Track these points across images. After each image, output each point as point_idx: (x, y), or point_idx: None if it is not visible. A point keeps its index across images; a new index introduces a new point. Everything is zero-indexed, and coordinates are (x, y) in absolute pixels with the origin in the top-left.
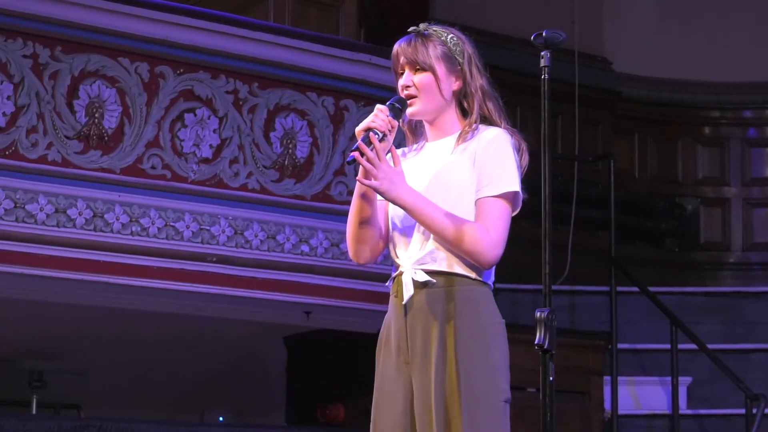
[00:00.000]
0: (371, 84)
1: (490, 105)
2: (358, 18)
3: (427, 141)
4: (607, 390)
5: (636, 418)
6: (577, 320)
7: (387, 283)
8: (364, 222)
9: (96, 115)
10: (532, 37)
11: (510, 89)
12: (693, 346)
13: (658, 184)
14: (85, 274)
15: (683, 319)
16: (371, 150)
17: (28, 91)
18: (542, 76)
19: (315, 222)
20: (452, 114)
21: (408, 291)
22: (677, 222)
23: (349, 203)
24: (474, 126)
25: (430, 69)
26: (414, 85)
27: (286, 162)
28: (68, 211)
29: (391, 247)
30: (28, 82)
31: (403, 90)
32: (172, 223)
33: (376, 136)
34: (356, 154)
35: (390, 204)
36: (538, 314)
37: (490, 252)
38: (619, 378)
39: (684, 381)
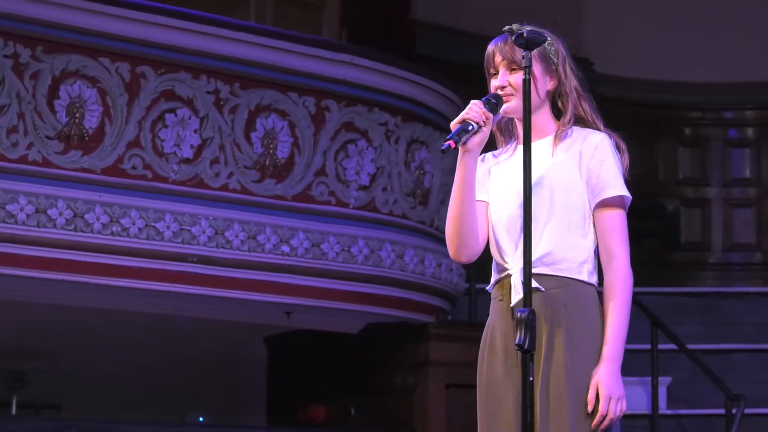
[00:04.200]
0: (352, 84)
1: (585, 105)
2: (340, 18)
3: (518, 142)
4: None
5: None
6: None
7: (488, 287)
8: (464, 218)
9: (77, 115)
10: (513, 38)
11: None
12: (673, 346)
13: (639, 185)
14: (66, 274)
15: (664, 320)
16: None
17: (9, 91)
18: (524, 77)
19: (296, 222)
20: (546, 114)
21: (517, 294)
22: (658, 222)
23: (328, 203)
24: (569, 126)
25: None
26: (510, 84)
27: (267, 162)
28: (48, 211)
29: (495, 250)
30: (8, 82)
31: (498, 90)
32: (152, 224)
33: (471, 127)
34: (451, 143)
35: (491, 206)
36: (519, 314)
37: (631, 277)
38: None
39: (664, 381)
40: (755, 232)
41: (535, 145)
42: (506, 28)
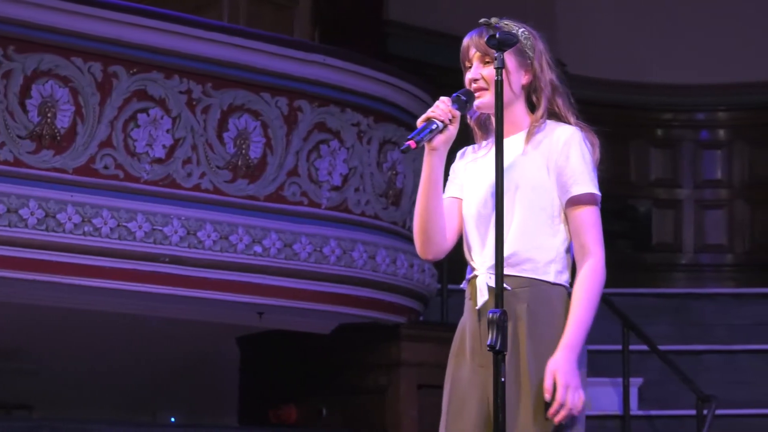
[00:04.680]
0: (325, 85)
1: (559, 101)
2: (312, 19)
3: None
4: None
5: (588, 419)
6: None
7: (462, 285)
8: (429, 216)
9: (49, 115)
10: (485, 39)
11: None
12: (645, 347)
13: (611, 186)
14: (37, 274)
15: (635, 320)
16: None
17: None
18: (496, 78)
19: (268, 223)
20: (521, 108)
21: (482, 296)
22: (630, 223)
23: (301, 204)
24: (541, 121)
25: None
26: (483, 77)
27: (240, 162)
28: (20, 211)
29: (466, 249)
30: None
31: (471, 83)
32: (124, 224)
33: (436, 126)
34: (412, 143)
35: (464, 203)
36: (490, 315)
37: (604, 273)
38: None
39: (635, 382)
40: (726, 233)
41: (509, 141)
42: (482, 20)
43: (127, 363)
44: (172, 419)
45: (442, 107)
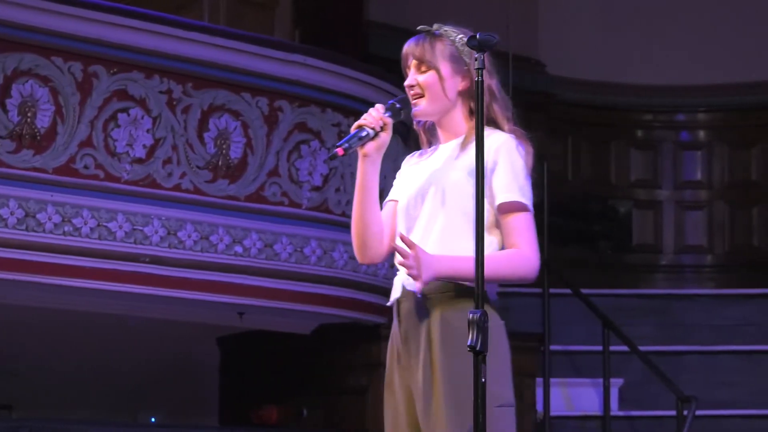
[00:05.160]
0: (305, 85)
1: (496, 107)
2: (293, 19)
3: (440, 143)
4: (539, 391)
5: (568, 419)
6: (510, 322)
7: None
8: (364, 221)
9: (28, 115)
10: (466, 40)
11: None
12: (625, 348)
13: (592, 187)
14: (17, 274)
15: (616, 321)
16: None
17: None
18: (476, 78)
19: (248, 223)
20: (459, 115)
21: (395, 294)
22: (610, 224)
23: (281, 204)
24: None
25: (435, 68)
26: (418, 84)
27: (220, 162)
28: (0, 211)
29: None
30: None
31: (408, 90)
32: (104, 223)
33: (366, 133)
34: (339, 151)
35: (398, 204)
36: (471, 316)
37: (533, 269)
38: (552, 379)
39: (616, 383)
40: (706, 234)
41: (446, 146)
42: (420, 27)
43: (108, 363)
44: (152, 419)
45: (373, 114)
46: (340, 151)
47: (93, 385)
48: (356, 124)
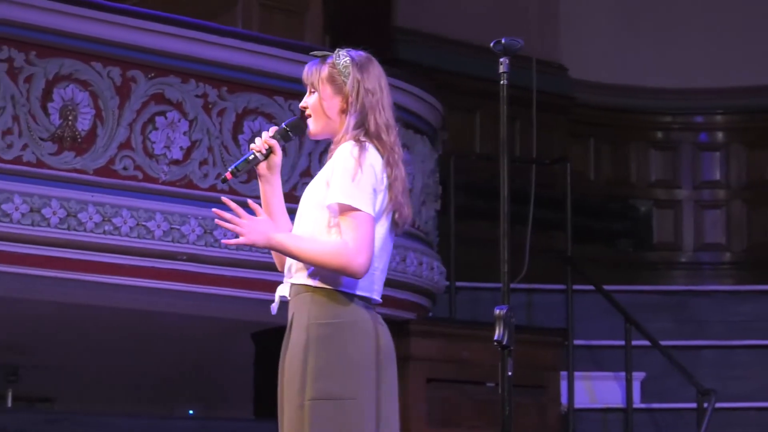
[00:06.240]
0: None
1: (371, 123)
2: (323, 25)
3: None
4: (563, 385)
5: (591, 411)
6: (534, 317)
7: None
8: None
9: (69, 118)
10: (491, 44)
11: (469, 94)
12: (646, 342)
13: (613, 187)
14: (59, 271)
15: (637, 317)
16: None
17: (4, 95)
18: (501, 82)
19: None
20: (341, 132)
21: (275, 302)
22: (631, 223)
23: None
24: (343, 142)
25: (318, 91)
26: (309, 106)
27: None
28: (42, 211)
29: None
30: (3, 85)
31: (303, 111)
32: (143, 222)
33: (253, 157)
34: (228, 174)
35: None
36: (497, 311)
37: (351, 262)
38: (575, 373)
39: (638, 376)
40: (724, 232)
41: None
42: (313, 53)
43: (146, 358)
44: (191, 412)
45: (260, 139)
46: (228, 174)
47: (131, 380)
48: (251, 147)
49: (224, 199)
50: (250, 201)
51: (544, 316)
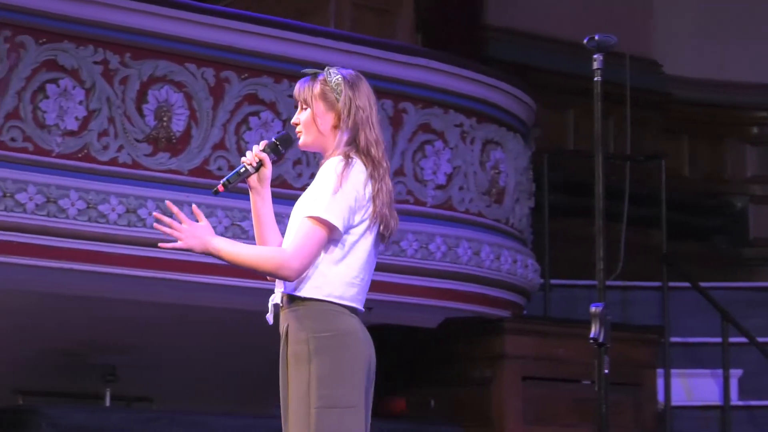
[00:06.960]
0: (429, 87)
1: (362, 140)
2: (414, 24)
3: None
4: (660, 382)
5: (688, 409)
6: (629, 315)
7: None
8: (264, 243)
9: (164, 119)
10: (584, 41)
11: (562, 91)
12: (743, 339)
13: (708, 183)
14: (156, 271)
15: (733, 314)
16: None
17: (99, 96)
18: (595, 78)
19: None
20: (332, 147)
21: (270, 310)
22: (726, 219)
23: (407, 202)
24: (333, 157)
25: (310, 107)
26: (300, 121)
27: None
28: (138, 211)
29: None
30: (99, 87)
31: (295, 127)
32: (237, 222)
33: (243, 169)
34: (220, 187)
35: None
36: (593, 309)
37: (284, 267)
38: (672, 371)
39: (735, 373)
40: None
41: None
42: (304, 70)
43: (241, 358)
44: None
45: (251, 153)
46: (220, 187)
47: (229, 379)
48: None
49: (168, 202)
50: (194, 206)
51: (639, 314)
